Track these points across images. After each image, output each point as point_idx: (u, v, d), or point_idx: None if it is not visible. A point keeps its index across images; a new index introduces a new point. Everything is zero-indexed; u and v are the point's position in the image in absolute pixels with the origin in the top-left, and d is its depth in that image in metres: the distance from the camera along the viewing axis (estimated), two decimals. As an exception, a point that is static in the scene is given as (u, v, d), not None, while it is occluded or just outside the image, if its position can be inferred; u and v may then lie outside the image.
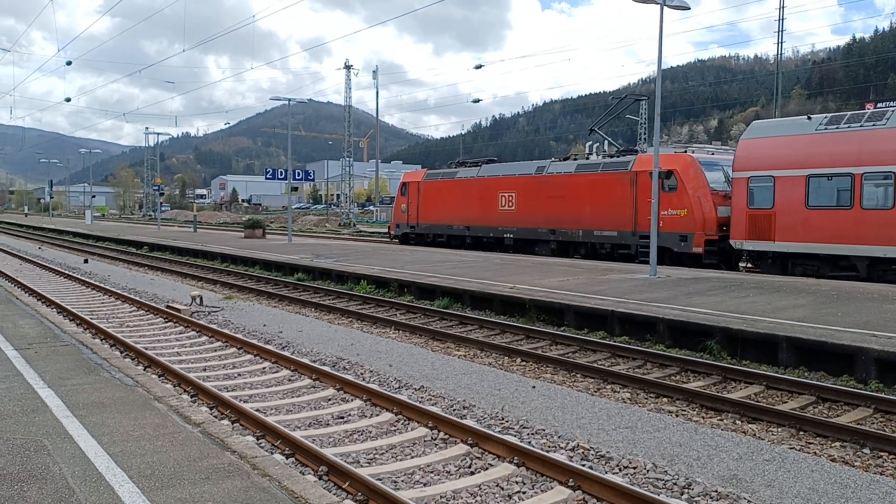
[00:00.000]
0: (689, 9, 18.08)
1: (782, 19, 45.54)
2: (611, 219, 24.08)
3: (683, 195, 22.04)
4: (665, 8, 17.40)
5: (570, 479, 5.94)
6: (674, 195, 22.10)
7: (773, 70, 55.83)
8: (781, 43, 46.17)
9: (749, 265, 21.37)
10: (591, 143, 28.30)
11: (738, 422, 8.15)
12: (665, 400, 9.01)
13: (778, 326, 11.05)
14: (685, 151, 23.37)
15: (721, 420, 8.22)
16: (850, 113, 19.72)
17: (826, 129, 19.02)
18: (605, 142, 27.80)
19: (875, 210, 17.68)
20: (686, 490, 5.93)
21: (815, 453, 7.10)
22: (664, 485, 6.05)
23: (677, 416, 8.31)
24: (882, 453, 7.10)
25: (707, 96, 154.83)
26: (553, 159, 29.28)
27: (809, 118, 20.29)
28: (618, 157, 25.43)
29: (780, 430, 7.85)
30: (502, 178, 29.06)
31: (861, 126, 18.41)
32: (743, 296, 14.36)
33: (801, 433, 7.71)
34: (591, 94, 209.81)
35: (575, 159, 27.51)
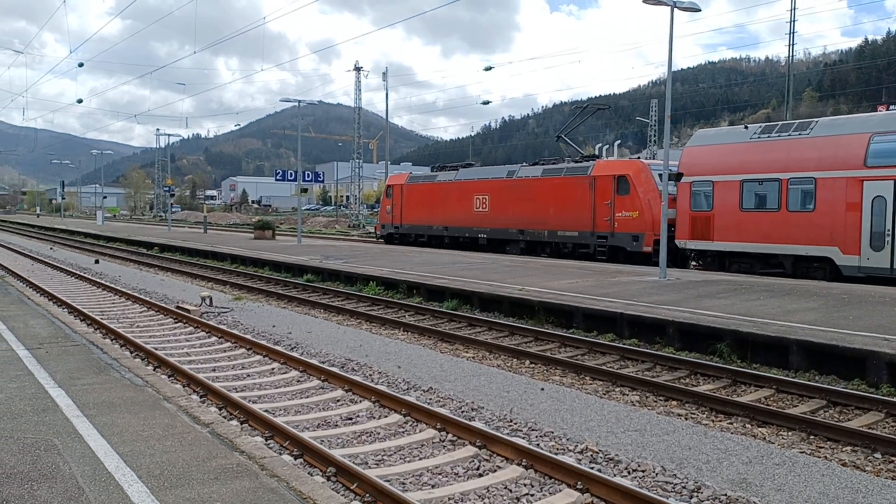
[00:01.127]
0: (700, 10, 18.01)
1: (793, 21, 45.33)
2: (572, 220, 26.02)
3: (635, 199, 23.89)
4: (675, 10, 17.35)
5: (579, 482, 5.92)
6: (627, 198, 23.99)
7: (785, 72, 55.56)
8: (793, 45, 45.95)
9: (695, 263, 22.70)
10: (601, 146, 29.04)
11: (747, 425, 8.10)
12: (674, 403, 8.98)
13: (788, 329, 10.98)
14: (638, 158, 25.52)
15: (731, 423, 8.18)
16: (780, 123, 21.29)
17: (759, 137, 20.69)
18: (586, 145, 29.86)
19: (799, 212, 19.33)
20: (695, 494, 5.90)
21: (825, 458, 7.04)
22: (673, 488, 6.02)
23: (687, 419, 8.27)
24: (894, 458, 7.04)
25: (717, 98, 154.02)
26: (523, 164, 30.96)
27: (746, 128, 22.08)
28: (579, 162, 27.28)
29: (790, 433, 7.80)
30: (477, 182, 31.02)
31: (789, 135, 20.03)
32: (753, 299, 14.29)
33: (812, 437, 7.66)
34: (600, 95, 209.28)
35: (542, 164, 29.25)
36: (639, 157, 25.28)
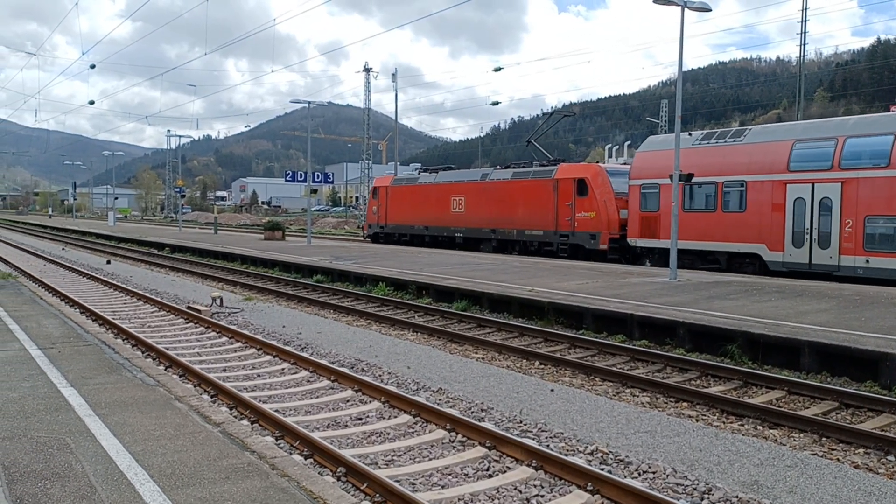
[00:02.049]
0: (710, 10, 17.93)
1: (805, 21, 45.09)
2: (538, 220, 27.78)
3: (593, 200, 25.58)
4: (685, 10, 17.28)
5: (589, 484, 5.91)
6: (586, 200, 25.71)
7: (796, 72, 55.23)
8: (804, 45, 45.73)
9: (648, 261, 24.13)
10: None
11: (759, 427, 8.06)
12: (685, 404, 8.94)
13: (800, 331, 10.92)
14: (597, 163, 28.00)
15: (742, 425, 8.14)
16: (719, 130, 23.32)
17: (700, 144, 22.49)
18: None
19: (732, 213, 21.19)
20: (706, 495, 5.87)
21: (837, 460, 7.00)
22: (684, 490, 6.00)
23: (697, 420, 8.24)
24: (907, 460, 6.99)
25: (728, 98, 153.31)
26: (497, 167, 32.84)
27: (690, 134, 23.47)
28: (545, 166, 28.90)
29: (802, 435, 7.76)
30: (454, 184, 32.70)
31: (725, 142, 21.89)
32: (764, 300, 14.21)
33: (824, 439, 7.61)
34: (610, 96, 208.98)
35: (512, 167, 31.05)
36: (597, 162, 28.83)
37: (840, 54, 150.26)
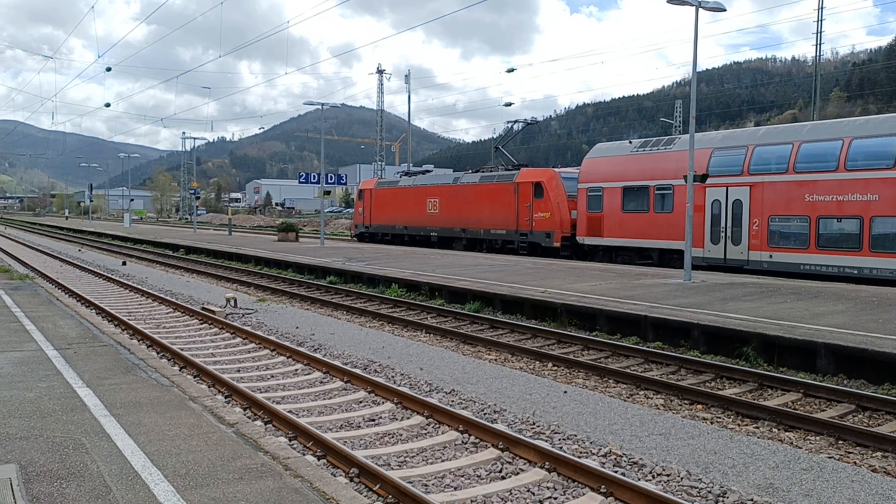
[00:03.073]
0: (725, 9, 17.83)
1: (821, 20, 44.74)
2: (501, 220, 30.29)
3: (548, 202, 28.02)
4: (699, 10, 17.19)
5: (603, 486, 5.88)
6: (541, 202, 28.23)
7: (811, 72, 54.79)
8: (820, 44, 45.39)
9: (598, 258, 26.25)
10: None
11: (774, 430, 7.99)
12: (699, 407, 8.88)
13: (816, 333, 10.83)
14: (555, 168, 31.17)
15: (757, 428, 8.07)
16: (654, 139, 25.55)
17: (637, 151, 24.95)
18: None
19: (662, 213, 23.52)
20: (721, 498, 5.83)
21: (854, 463, 6.92)
22: (698, 493, 5.96)
23: (712, 423, 8.18)
24: (925, 464, 6.91)
25: (743, 99, 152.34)
26: (468, 171, 35.53)
27: (630, 142, 26.21)
28: (509, 170, 31.37)
29: (818, 438, 7.69)
30: (430, 187, 35.37)
31: (658, 150, 24.24)
32: (780, 301, 14.10)
33: (841, 442, 7.54)
34: (623, 97, 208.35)
35: (481, 171, 33.72)
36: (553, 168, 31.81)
37: (857, 53, 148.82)
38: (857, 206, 18.79)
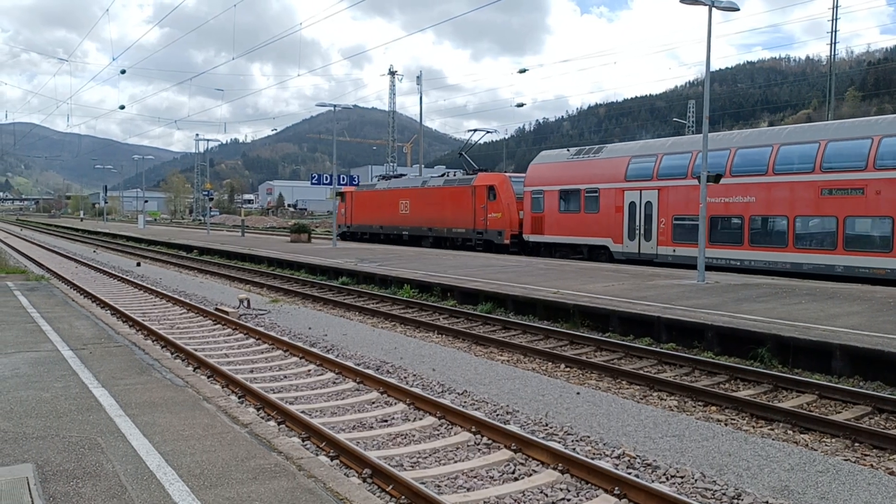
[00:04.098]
0: (738, 9, 17.72)
1: (836, 19, 44.37)
2: (461, 220, 33.43)
3: (500, 203, 31.09)
4: (713, 9, 17.10)
5: (616, 488, 5.86)
6: (494, 203, 31.33)
7: (826, 71, 54.35)
8: (835, 43, 45.01)
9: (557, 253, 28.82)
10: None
11: (789, 431, 7.93)
12: (714, 408, 8.83)
13: (831, 334, 10.74)
14: (505, 173, 35.50)
15: (772, 430, 8.02)
16: (587, 147, 28.74)
17: (573, 158, 28.16)
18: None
19: (590, 214, 26.53)
20: (736, 501, 5.79)
21: (871, 466, 6.86)
22: (713, 495, 5.92)
23: (726, 424, 8.13)
24: (943, 467, 6.84)
25: (757, 99, 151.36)
26: (432, 175, 39.33)
27: (568, 150, 29.61)
28: (468, 175, 34.67)
29: (833, 440, 7.63)
30: (402, 190, 38.48)
31: (588, 157, 27.46)
32: (794, 302, 14.00)
33: (857, 444, 7.47)
34: (635, 97, 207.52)
35: (444, 175, 37.39)
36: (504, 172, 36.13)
37: (872, 52, 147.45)
38: (739, 207, 21.78)
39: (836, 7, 44.49)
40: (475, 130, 37.61)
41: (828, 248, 19.66)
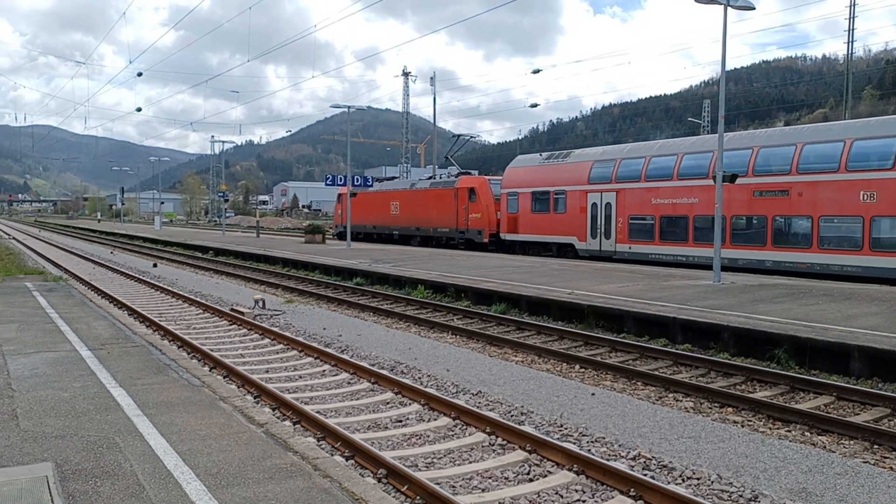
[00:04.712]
0: (754, 8, 17.60)
1: (853, 17, 43.94)
2: (445, 220, 35.70)
3: (479, 204, 33.31)
4: (728, 8, 16.99)
5: (632, 489, 5.84)
6: (475, 204, 33.60)
7: (842, 70, 53.81)
8: (852, 42, 44.57)
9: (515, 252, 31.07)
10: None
11: (806, 433, 7.87)
12: (730, 410, 8.77)
13: (849, 335, 10.64)
14: (486, 176, 36.82)
15: (789, 431, 7.96)
16: (557, 152, 31.25)
17: (544, 162, 30.43)
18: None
19: (558, 214, 28.71)
20: (752, 503, 5.76)
21: (890, 468, 6.79)
22: (729, 497, 5.89)
23: (743, 426, 8.07)
24: (964, 470, 6.76)
25: (772, 98, 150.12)
26: (421, 178, 41.81)
27: (541, 155, 31.91)
28: (452, 177, 36.72)
29: (852, 442, 7.55)
30: (393, 192, 40.78)
31: (557, 161, 29.69)
32: (812, 303, 13.88)
33: (876, 447, 7.39)
34: (650, 97, 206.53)
35: (431, 179, 39.75)
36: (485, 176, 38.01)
37: (890, 51, 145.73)
38: (684, 208, 23.86)
39: (854, 5, 44.07)
40: (460, 136, 40.48)
41: (759, 244, 21.82)
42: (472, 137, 42.51)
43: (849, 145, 19.93)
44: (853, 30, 44.30)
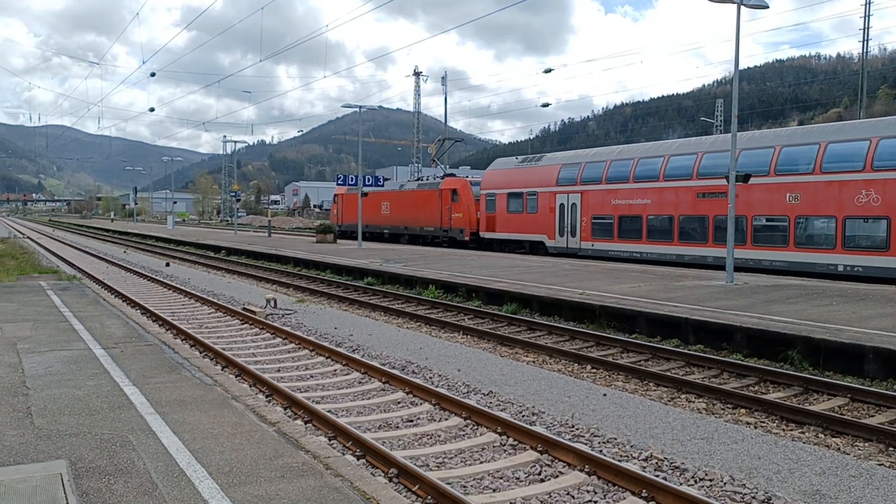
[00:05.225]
0: (767, 6, 17.48)
1: (868, 16, 43.58)
2: (431, 220, 38.03)
3: (461, 205, 35.63)
4: (741, 7, 16.88)
5: (644, 490, 5.81)
6: (457, 205, 35.94)
7: (857, 69, 53.36)
8: (867, 40, 44.18)
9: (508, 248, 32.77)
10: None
11: (820, 435, 7.81)
12: (743, 411, 8.72)
13: (864, 336, 10.55)
14: (466, 177, 38.86)
15: (802, 433, 7.90)
16: (530, 156, 33.36)
17: (519, 165, 32.74)
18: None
19: (530, 214, 30.88)
20: (766, 505, 5.72)
21: (906, 471, 6.72)
22: (742, 498, 5.85)
23: (756, 427, 8.02)
24: (981, 473, 6.69)
25: (786, 97, 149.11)
26: (409, 180, 45.24)
27: (517, 158, 33.98)
28: (438, 179, 39.28)
29: (866, 444, 7.49)
30: (383, 192, 42.20)
31: (531, 164, 31.97)
32: (826, 304, 13.78)
33: (891, 449, 7.32)
34: (662, 96, 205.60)
35: (418, 181, 42.43)
36: (466, 177, 39.67)
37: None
38: (638, 208, 25.80)
39: (869, 3, 43.69)
40: (445, 139, 43.88)
41: (700, 241, 23.90)
42: (456, 141, 45.12)
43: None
44: (868, 28, 43.94)
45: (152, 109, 67.90)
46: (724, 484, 6.14)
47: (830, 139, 20.83)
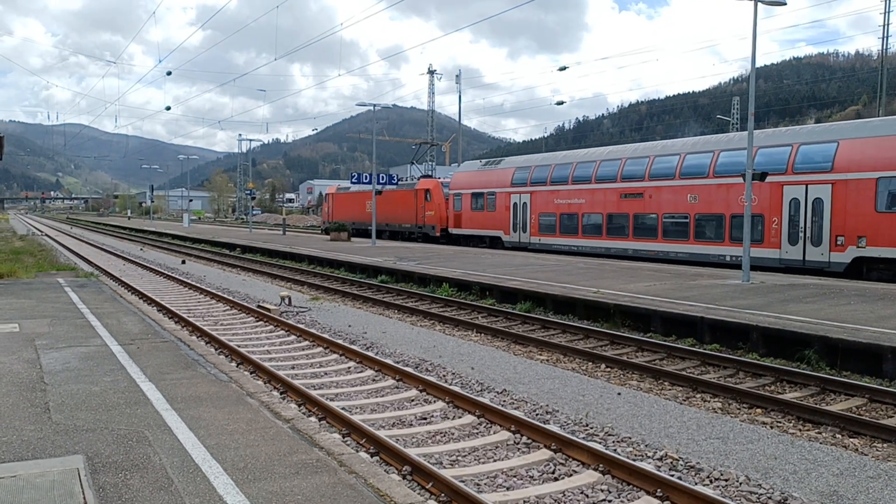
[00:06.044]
0: (785, 3, 17.32)
1: (888, 12, 43.04)
2: (408, 217, 41.54)
3: (434, 203, 39.09)
4: (757, 4, 16.73)
5: (659, 490, 5.78)
6: (430, 204, 39.47)
7: (876, 67, 52.72)
8: (886, 37, 43.66)
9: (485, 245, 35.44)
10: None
11: (838, 435, 7.73)
12: (759, 411, 8.65)
13: (882, 336, 10.43)
14: (439, 179, 42.39)
15: (819, 433, 7.83)
16: (491, 160, 37.07)
17: (482, 168, 36.38)
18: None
19: (490, 212, 34.12)
20: (782, 505, 5.67)
21: (925, 472, 6.64)
22: (758, 499, 5.81)
23: (772, 427, 7.96)
24: None
25: (803, 95, 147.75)
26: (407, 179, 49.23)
27: (480, 161, 38.31)
28: (416, 180, 43.12)
29: (885, 445, 7.41)
30: (368, 192, 42.99)
31: (491, 167, 35.46)
32: (843, 303, 13.64)
33: (910, 450, 7.24)
34: (678, 94, 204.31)
35: (399, 181, 44.61)
36: (439, 179, 43.02)
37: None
38: (576, 207, 29.22)
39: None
40: (422, 143, 48.10)
41: (623, 236, 27.04)
42: (431, 144, 49.89)
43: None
44: (888, 24, 43.41)
45: (168, 108, 68.42)
46: (740, 484, 6.10)
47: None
